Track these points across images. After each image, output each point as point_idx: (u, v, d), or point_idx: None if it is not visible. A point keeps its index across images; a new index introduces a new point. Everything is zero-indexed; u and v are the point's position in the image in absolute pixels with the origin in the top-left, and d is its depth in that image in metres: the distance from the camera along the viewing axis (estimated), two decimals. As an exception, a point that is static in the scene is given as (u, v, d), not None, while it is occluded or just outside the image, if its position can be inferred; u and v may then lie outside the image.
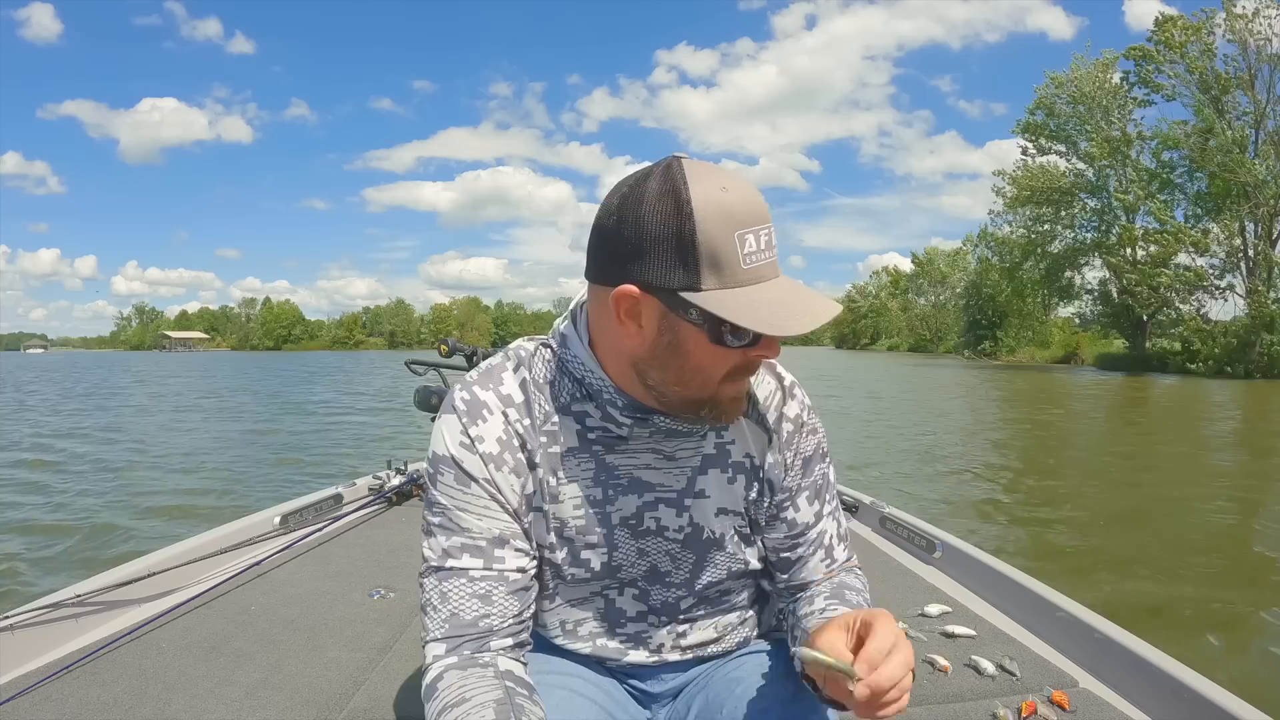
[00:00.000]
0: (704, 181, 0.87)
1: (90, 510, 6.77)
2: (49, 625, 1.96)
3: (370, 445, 11.26)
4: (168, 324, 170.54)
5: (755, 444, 1.12)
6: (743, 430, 1.12)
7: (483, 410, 1.03)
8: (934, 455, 10.11)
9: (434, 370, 4.36)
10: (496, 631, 1.00)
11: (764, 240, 0.89)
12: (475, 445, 1.01)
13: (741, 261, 0.87)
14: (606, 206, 0.93)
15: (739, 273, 0.87)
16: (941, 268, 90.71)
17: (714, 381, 0.95)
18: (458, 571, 1.00)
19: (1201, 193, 37.23)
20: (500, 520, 1.02)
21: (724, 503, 1.11)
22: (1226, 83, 34.84)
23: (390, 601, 2.37)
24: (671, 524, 1.09)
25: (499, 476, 1.02)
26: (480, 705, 0.91)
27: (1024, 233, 45.93)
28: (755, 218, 0.88)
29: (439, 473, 1.02)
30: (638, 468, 1.06)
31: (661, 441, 1.06)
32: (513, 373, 1.06)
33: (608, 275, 0.93)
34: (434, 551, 1.01)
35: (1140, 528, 6.23)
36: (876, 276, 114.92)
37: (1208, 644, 3.73)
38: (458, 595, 0.99)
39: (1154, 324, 39.75)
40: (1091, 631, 1.95)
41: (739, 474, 1.11)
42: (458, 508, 1.01)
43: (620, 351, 0.98)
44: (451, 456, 1.01)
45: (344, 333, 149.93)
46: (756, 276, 0.88)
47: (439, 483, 1.02)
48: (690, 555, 1.11)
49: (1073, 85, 40.45)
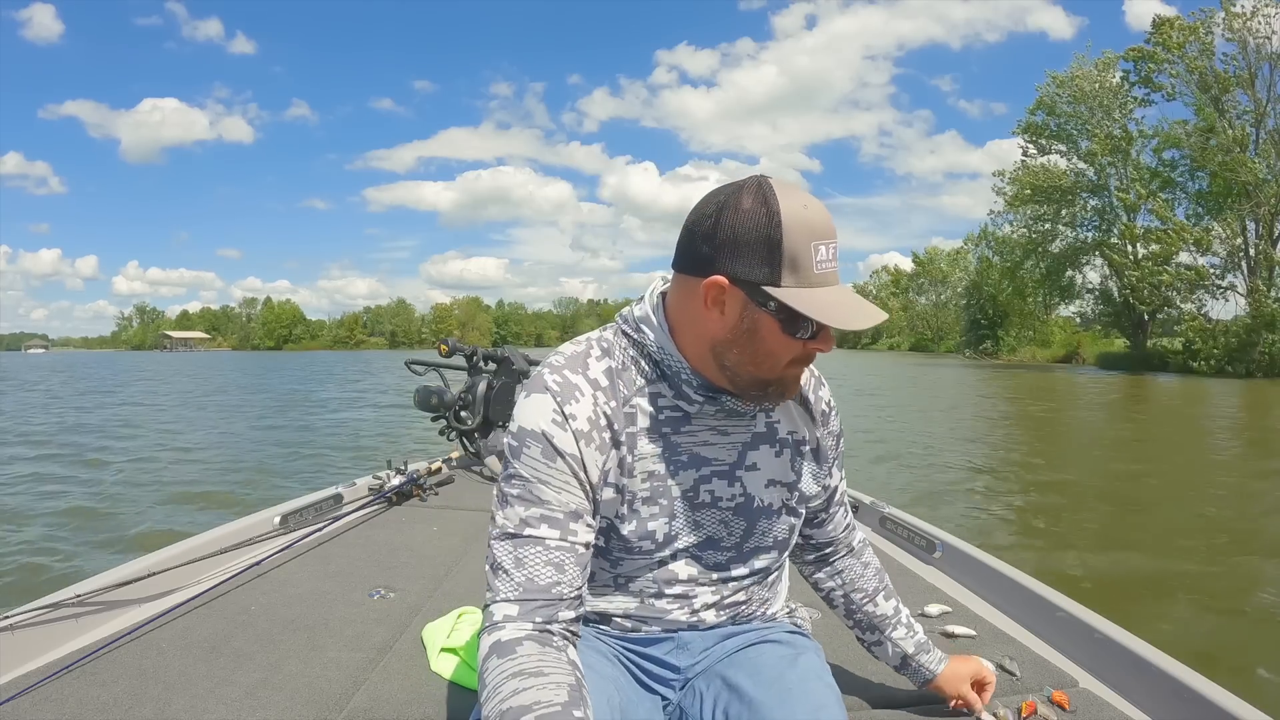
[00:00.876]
0: (790, 198, 1.05)
1: (98, 504, 6.79)
2: (49, 625, 1.96)
3: (379, 443, 11.26)
4: (168, 324, 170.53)
5: (802, 423, 1.33)
6: (790, 412, 1.31)
7: (575, 391, 1.15)
8: (934, 454, 10.11)
9: (434, 370, 4.37)
10: (565, 601, 1.09)
11: (832, 252, 1.08)
12: (568, 422, 1.13)
13: (815, 266, 1.05)
14: (702, 210, 1.10)
15: (812, 276, 1.05)
16: (942, 267, 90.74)
17: (780, 365, 1.13)
18: (534, 540, 1.10)
19: (1203, 191, 37.25)
20: (578, 496, 1.12)
21: (773, 475, 1.28)
22: (1226, 82, 34.84)
23: (390, 601, 2.36)
24: (724, 494, 1.24)
25: (586, 453, 1.13)
26: (557, 685, 0.99)
27: (1025, 232, 45.94)
28: (828, 232, 1.07)
29: (525, 446, 1.12)
30: (696, 445, 1.21)
31: (722, 420, 1.22)
32: (597, 359, 1.19)
33: (699, 268, 1.09)
34: (510, 520, 1.11)
35: (1141, 527, 6.24)
36: (877, 276, 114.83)
37: (1208, 644, 3.74)
38: (533, 561, 1.09)
39: (1155, 323, 39.81)
40: (1091, 631, 1.94)
41: (785, 449, 1.29)
42: (540, 480, 1.11)
43: (701, 334, 1.13)
44: (542, 431, 1.12)
45: (345, 332, 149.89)
46: (824, 280, 1.07)
47: (524, 455, 1.12)
48: (741, 522, 1.26)
49: (1073, 84, 40.43)
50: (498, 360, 4.39)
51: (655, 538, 1.21)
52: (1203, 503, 7.16)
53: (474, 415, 4.21)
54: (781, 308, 1.06)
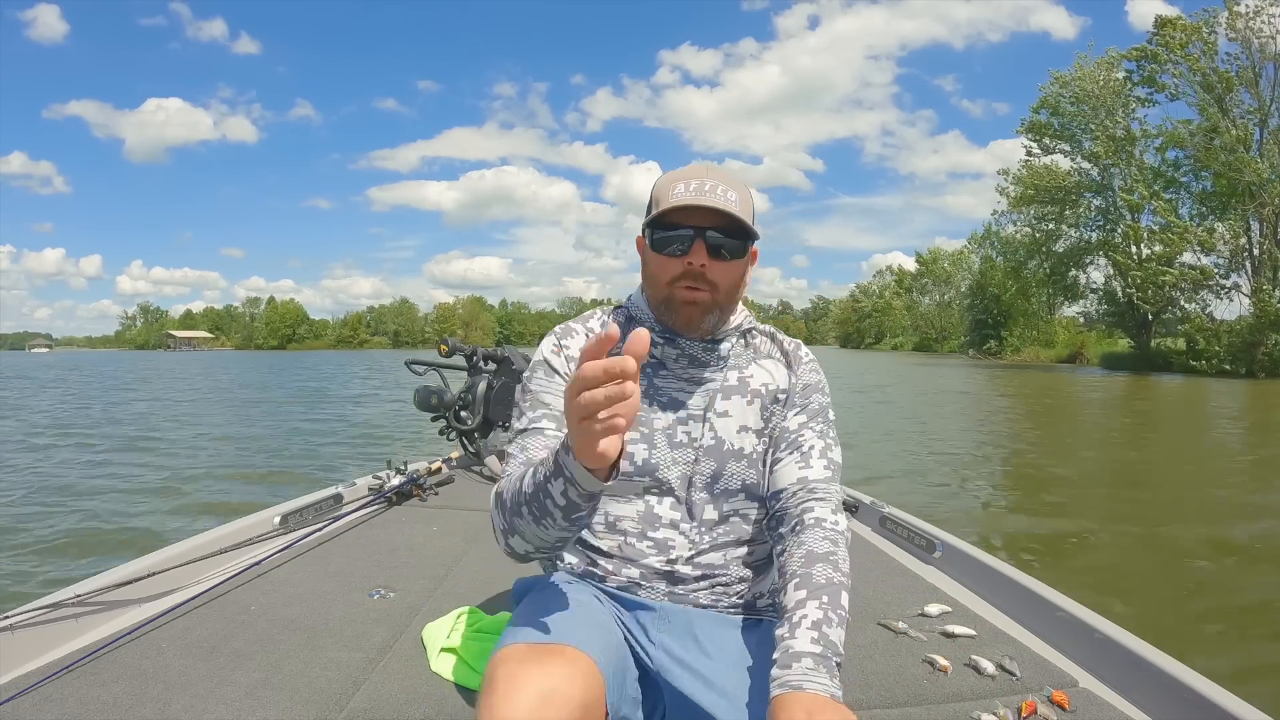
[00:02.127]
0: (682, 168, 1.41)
1: (99, 505, 6.80)
2: (49, 625, 1.96)
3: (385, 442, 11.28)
4: (172, 323, 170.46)
5: (775, 375, 1.49)
6: (765, 366, 1.49)
7: (573, 332, 1.49)
8: (936, 454, 10.09)
9: (434, 370, 4.37)
10: None
11: (692, 187, 1.34)
12: (562, 350, 1.45)
13: (671, 197, 1.34)
14: None
15: (666, 204, 1.34)
16: (946, 267, 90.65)
17: (663, 282, 1.39)
18: (537, 431, 1.37)
19: (1207, 191, 37.18)
20: None
21: (744, 421, 1.43)
22: (1230, 81, 34.76)
23: (390, 601, 2.36)
24: (698, 435, 1.41)
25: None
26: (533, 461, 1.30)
27: (1029, 232, 45.89)
28: (693, 175, 1.36)
29: (534, 372, 1.45)
30: (674, 390, 1.44)
31: (693, 370, 1.45)
32: (598, 319, 1.54)
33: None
34: (521, 423, 1.40)
35: (1142, 527, 6.22)
36: (880, 276, 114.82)
37: (1209, 643, 3.73)
38: (535, 447, 1.35)
39: (1159, 323, 39.71)
40: (1091, 631, 1.94)
41: (756, 398, 1.45)
42: (544, 391, 1.41)
43: (645, 283, 1.46)
44: (545, 359, 1.44)
45: (348, 332, 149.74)
46: (679, 202, 1.33)
47: (534, 378, 1.44)
48: (711, 463, 1.41)
49: (1076, 84, 40.36)
50: (498, 360, 4.38)
51: (634, 459, 1.39)
52: (1205, 502, 7.15)
53: (474, 415, 4.21)
54: (645, 230, 1.40)
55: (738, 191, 1.35)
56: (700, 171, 1.36)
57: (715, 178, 1.34)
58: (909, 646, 2.06)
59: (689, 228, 1.34)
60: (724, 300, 1.40)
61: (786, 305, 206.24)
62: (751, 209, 1.38)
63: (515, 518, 1.21)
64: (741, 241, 1.37)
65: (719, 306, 1.40)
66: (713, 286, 1.37)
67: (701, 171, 1.36)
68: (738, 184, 1.37)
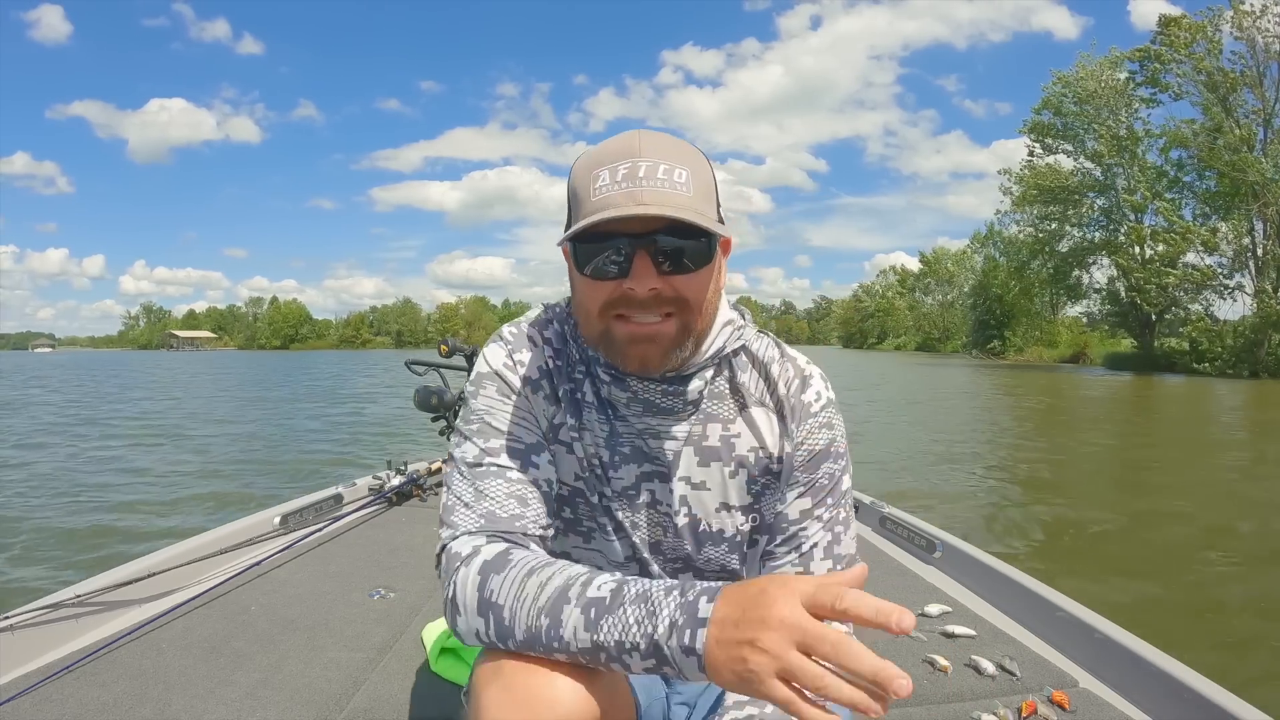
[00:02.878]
0: (598, 143, 0.95)
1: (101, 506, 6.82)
2: (49, 625, 1.96)
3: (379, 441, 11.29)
4: (175, 323, 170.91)
5: (768, 436, 1.07)
6: (753, 420, 1.07)
7: (526, 342, 1.08)
8: (937, 454, 10.08)
9: (434, 370, 4.37)
10: (530, 537, 0.97)
11: (621, 173, 0.89)
12: (517, 368, 1.05)
13: (592, 195, 0.90)
14: None
15: (588, 206, 0.90)
16: (949, 267, 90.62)
17: (594, 315, 0.96)
18: (496, 470, 0.99)
19: (1210, 191, 37.11)
20: (535, 432, 1.03)
21: (725, 498, 1.07)
22: (1234, 81, 34.70)
23: (390, 601, 2.37)
24: (665, 500, 1.07)
25: (535, 400, 1.05)
26: (569, 565, 0.87)
27: (1031, 232, 45.84)
28: (615, 156, 0.91)
29: (481, 387, 1.05)
30: (640, 437, 1.06)
31: (644, 415, 1.05)
32: (556, 325, 1.10)
33: None
34: (468, 453, 1.01)
35: (1144, 526, 6.21)
36: (884, 276, 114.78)
37: (1209, 643, 3.72)
38: (495, 493, 0.97)
39: (1162, 323, 39.63)
40: (1091, 631, 1.94)
41: (741, 468, 1.06)
42: (499, 415, 1.03)
43: (575, 309, 1.04)
44: (496, 372, 1.05)
45: (351, 332, 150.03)
46: (603, 205, 0.89)
47: (481, 395, 1.04)
48: (685, 544, 1.08)
49: (1079, 84, 40.32)
50: None
51: (588, 521, 1.09)
52: (1207, 502, 7.13)
53: None
54: (567, 245, 0.95)
55: (686, 166, 0.93)
56: (628, 146, 0.92)
57: (651, 153, 0.91)
58: (909, 646, 2.06)
59: (623, 236, 0.90)
60: (694, 323, 0.97)
61: (789, 305, 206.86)
62: (712, 185, 0.97)
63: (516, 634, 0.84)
64: (704, 240, 0.93)
65: (689, 334, 0.98)
66: (678, 308, 0.95)
67: (630, 146, 0.92)
68: (684, 152, 0.95)
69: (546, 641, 0.81)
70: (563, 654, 0.81)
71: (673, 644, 0.75)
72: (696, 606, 0.75)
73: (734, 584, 0.77)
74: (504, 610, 0.84)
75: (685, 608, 0.75)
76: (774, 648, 0.68)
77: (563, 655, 0.81)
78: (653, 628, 0.76)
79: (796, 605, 0.70)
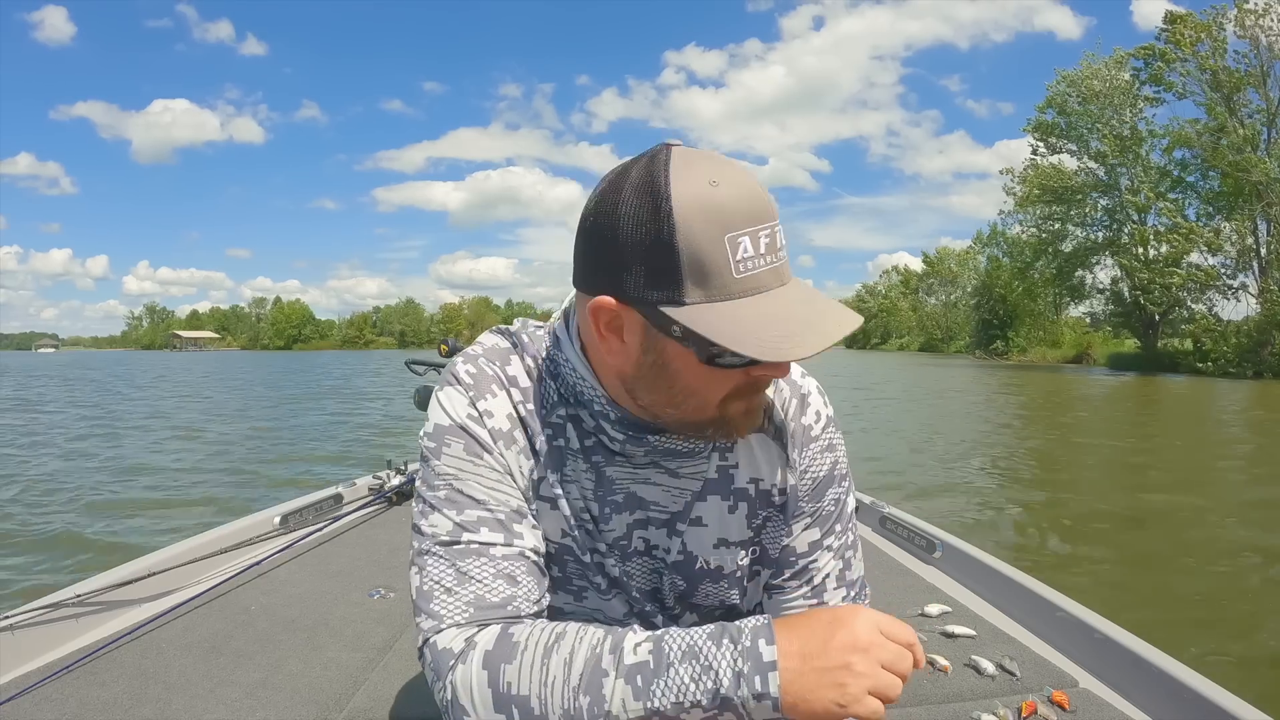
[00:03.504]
0: (690, 175, 0.75)
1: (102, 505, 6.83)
2: (49, 625, 1.96)
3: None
4: (178, 323, 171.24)
5: (766, 465, 0.99)
6: (751, 450, 0.99)
7: (490, 385, 0.92)
8: (938, 453, 10.07)
9: (434, 370, 4.37)
10: (524, 617, 0.86)
11: (764, 243, 0.76)
12: (484, 419, 0.91)
13: (733, 270, 0.74)
14: (587, 202, 0.83)
15: (729, 283, 0.75)
16: (952, 267, 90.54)
17: (712, 405, 0.83)
18: (478, 549, 0.86)
19: (1214, 191, 37.07)
20: (515, 495, 0.90)
21: (723, 533, 0.98)
22: (1238, 80, 34.64)
23: (390, 601, 2.37)
24: (661, 544, 0.98)
25: (509, 455, 0.91)
26: (582, 630, 0.79)
27: (1035, 232, 45.83)
28: (750, 217, 0.75)
29: (444, 444, 0.90)
30: (636, 483, 0.95)
31: (662, 459, 0.94)
32: (518, 357, 0.95)
33: (586, 283, 0.83)
34: (439, 528, 0.87)
35: (1146, 527, 6.21)
36: (887, 276, 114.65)
37: (1211, 643, 3.71)
38: (480, 574, 0.85)
39: (1166, 323, 39.59)
40: (1091, 631, 1.94)
41: (741, 501, 0.98)
42: (470, 479, 0.88)
43: (605, 366, 0.87)
44: (461, 425, 0.90)
45: (354, 332, 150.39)
46: (753, 286, 0.75)
47: (444, 454, 0.89)
48: (680, 582, 1.00)
49: (1084, 83, 40.30)
50: None
51: (577, 580, 0.99)
52: (1209, 502, 7.12)
53: None
54: (690, 334, 0.75)
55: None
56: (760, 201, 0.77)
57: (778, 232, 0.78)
58: (909, 647, 2.06)
59: None
60: None
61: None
62: None
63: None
64: None
65: None
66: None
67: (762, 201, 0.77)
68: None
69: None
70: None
71: (743, 693, 0.72)
72: (758, 651, 0.73)
73: (786, 618, 0.77)
74: (530, 700, 0.75)
75: (747, 654, 0.73)
76: (869, 669, 0.73)
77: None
78: (714, 682, 0.73)
79: (874, 628, 0.75)
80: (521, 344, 0.96)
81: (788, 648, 0.73)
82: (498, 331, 1.00)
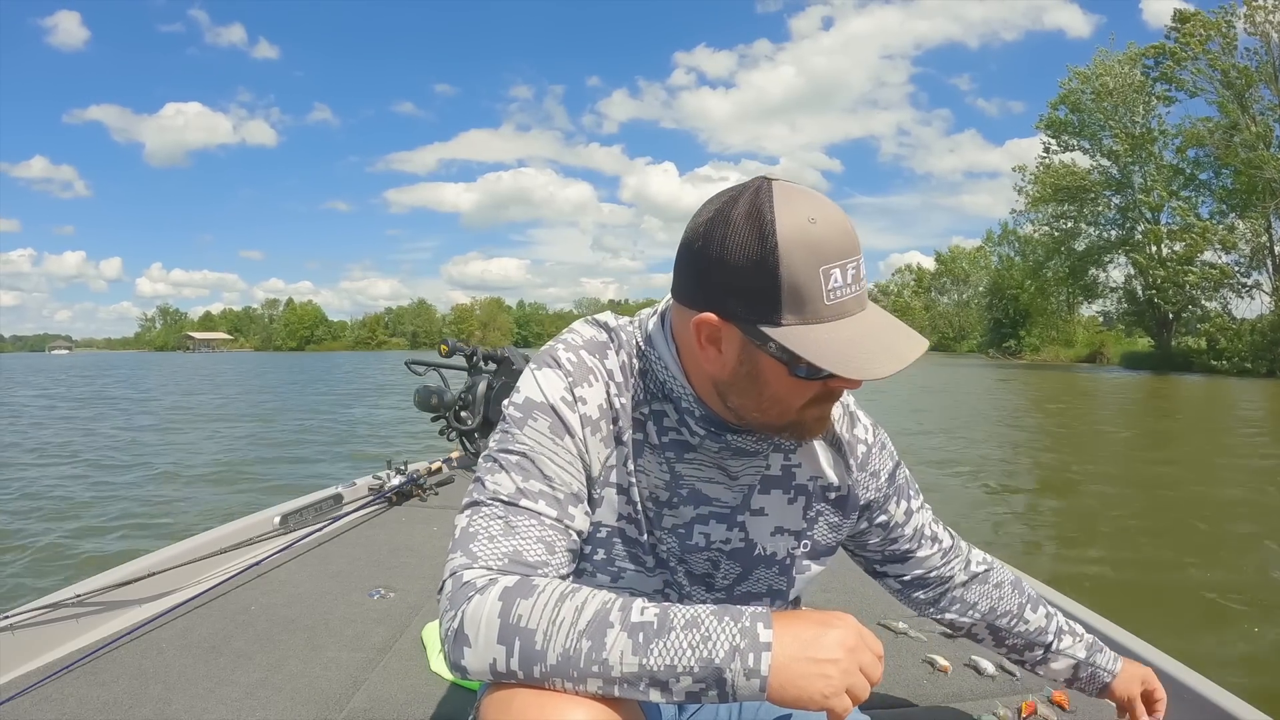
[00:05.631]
0: (791, 211, 0.86)
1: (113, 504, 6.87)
2: (49, 625, 1.97)
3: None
4: (191, 325, 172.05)
5: (828, 465, 1.14)
6: (813, 453, 1.13)
7: (589, 375, 1.01)
8: (942, 453, 10.04)
9: (434, 370, 4.39)
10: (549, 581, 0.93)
11: (850, 274, 0.88)
12: (577, 405, 0.99)
13: (825, 297, 0.86)
14: (694, 226, 0.93)
15: (821, 309, 0.87)
16: (964, 266, 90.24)
17: (793, 410, 0.95)
18: (530, 512, 0.95)
19: (1227, 189, 36.88)
20: (579, 480, 0.99)
21: (782, 522, 1.11)
22: (1250, 77, 34.45)
23: (390, 601, 2.37)
24: (720, 537, 1.08)
25: (592, 442, 1.00)
26: (600, 590, 0.87)
27: (1047, 230, 45.68)
28: (844, 250, 0.87)
29: (531, 417, 0.98)
30: (701, 480, 1.05)
31: (727, 459, 1.05)
32: (615, 352, 1.04)
33: (690, 298, 0.94)
34: (504, 487, 0.96)
35: (1150, 526, 6.17)
36: (900, 275, 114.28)
37: (1212, 644, 3.69)
38: (526, 533, 0.93)
39: (1179, 322, 39.41)
40: (1092, 631, 1.93)
41: (800, 495, 1.12)
42: (545, 455, 0.97)
43: (701, 371, 0.98)
44: (552, 406, 0.98)
45: (366, 333, 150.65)
46: (840, 311, 0.87)
47: (529, 426, 0.98)
48: (736, 567, 1.10)
49: (1098, 80, 40.13)
50: (498, 360, 4.40)
51: (629, 562, 1.07)
52: (1217, 502, 7.08)
53: (474, 415, 4.23)
54: (783, 350, 0.87)
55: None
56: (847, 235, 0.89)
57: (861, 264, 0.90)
58: (909, 646, 2.06)
59: None
60: None
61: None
62: None
63: (548, 659, 0.82)
64: None
65: None
66: None
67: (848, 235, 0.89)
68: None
69: (585, 665, 0.80)
70: (600, 678, 0.81)
71: (735, 667, 0.79)
72: (756, 632, 0.81)
73: (784, 612, 0.85)
74: (535, 634, 0.82)
75: (745, 633, 0.81)
76: (850, 668, 0.82)
77: (598, 680, 0.81)
78: (709, 653, 0.80)
79: (859, 633, 0.85)
80: (618, 340, 1.06)
81: (784, 634, 0.81)
82: (593, 324, 1.09)
